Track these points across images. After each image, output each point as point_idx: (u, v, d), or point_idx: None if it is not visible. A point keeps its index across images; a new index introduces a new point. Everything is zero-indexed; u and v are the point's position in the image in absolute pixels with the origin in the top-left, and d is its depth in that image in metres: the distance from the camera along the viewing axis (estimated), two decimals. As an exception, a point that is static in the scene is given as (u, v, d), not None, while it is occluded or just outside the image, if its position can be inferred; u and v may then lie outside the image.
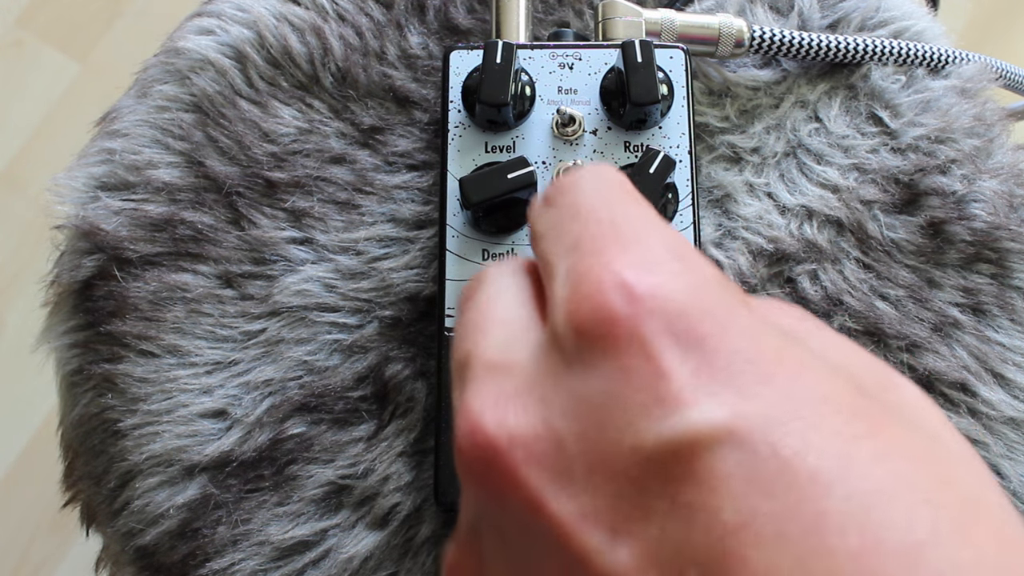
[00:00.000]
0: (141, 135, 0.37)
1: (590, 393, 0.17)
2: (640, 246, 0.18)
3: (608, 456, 0.16)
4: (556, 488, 0.17)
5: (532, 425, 0.17)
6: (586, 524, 0.16)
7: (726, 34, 0.36)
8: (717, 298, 0.18)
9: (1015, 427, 0.35)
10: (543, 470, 0.17)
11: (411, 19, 0.39)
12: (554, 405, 0.17)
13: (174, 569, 0.34)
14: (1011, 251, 0.36)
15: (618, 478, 0.16)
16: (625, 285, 0.17)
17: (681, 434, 0.16)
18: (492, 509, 0.18)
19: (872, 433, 0.16)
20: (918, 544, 0.15)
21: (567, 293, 0.18)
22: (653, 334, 0.17)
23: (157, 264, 0.36)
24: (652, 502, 0.16)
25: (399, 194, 0.37)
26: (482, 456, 0.17)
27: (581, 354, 0.17)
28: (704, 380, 0.16)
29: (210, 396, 0.34)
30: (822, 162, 0.37)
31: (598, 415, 0.17)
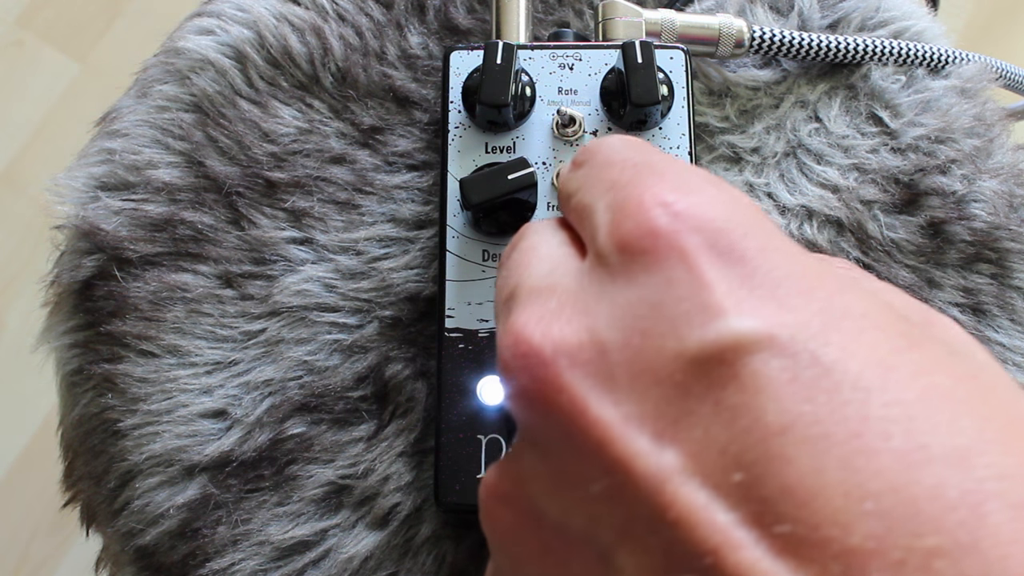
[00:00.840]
0: (141, 135, 0.37)
1: (633, 303, 0.17)
2: (677, 175, 0.19)
3: (652, 362, 0.16)
4: (600, 394, 0.17)
5: (576, 334, 0.17)
6: (630, 428, 0.16)
7: (726, 34, 0.36)
8: (754, 220, 0.18)
9: (1015, 427, 0.35)
10: (587, 377, 0.17)
11: (411, 19, 0.39)
12: (598, 316, 0.18)
13: (174, 569, 0.34)
14: (1011, 251, 0.36)
15: (662, 383, 0.16)
16: (667, 204, 0.18)
17: (724, 339, 0.16)
18: (534, 421, 0.18)
19: (913, 348, 0.16)
20: (963, 449, 0.14)
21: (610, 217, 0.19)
22: (695, 248, 0.17)
23: (157, 264, 0.36)
24: (696, 406, 0.16)
25: (399, 194, 0.37)
26: (526, 365, 0.17)
27: (625, 268, 0.18)
28: (745, 292, 0.17)
29: (210, 396, 0.34)
30: (822, 162, 0.37)
31: (642, 323, 0.17)
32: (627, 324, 0.17)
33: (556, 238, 0.22)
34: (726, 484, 0.15)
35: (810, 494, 0.14)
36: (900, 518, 0.14)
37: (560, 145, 0.34)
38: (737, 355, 0.16)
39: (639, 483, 0.16)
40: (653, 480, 0.16)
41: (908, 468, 0.14)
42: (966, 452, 0.14)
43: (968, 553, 0.13)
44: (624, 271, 0.18)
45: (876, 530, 0.14)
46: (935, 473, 0.14)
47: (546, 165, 0.34)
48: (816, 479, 0.14)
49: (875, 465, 0.14)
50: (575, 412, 0.17)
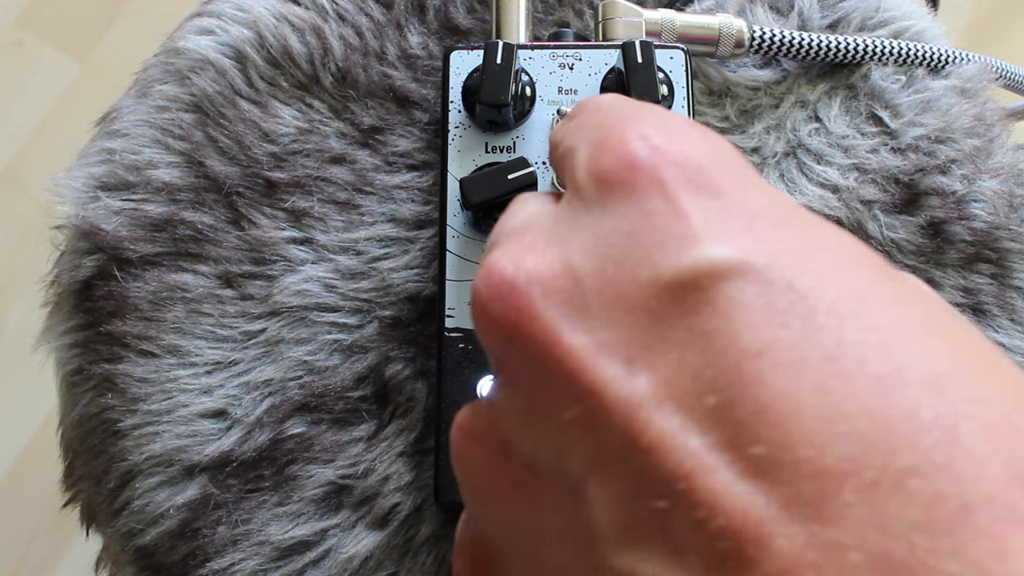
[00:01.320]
0: (141, 135, 0.37)
1: (608, 232, 0.17)
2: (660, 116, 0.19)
3: (625, 289, 0.16)
4: (572, 321, 0.17)
5: (549, 264, 0.17)
6: (602, 355, 0.16)
7: (726, 34, 0.36)
8: (734, 161, 0.18)
9: (1015, 427, 0.35)
10: (560, 305, 0.17)
11: (411, 19, 0.39)
12: (572, 246, 0.18)
13: (174, 569, 0.34)
14: (1011, 251, 0.36)
15: (635, 310, 0.16)
16: (647, 138, 0.18)
17: (699, 265, 0.16)
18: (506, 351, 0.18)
19: (888, 280, 0.16)
20: (937, 374, 0.14)
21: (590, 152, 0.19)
22: (672, 179, 0.17)
23: (157, 264, 0.36)
24: (669, 331, 0.16)
25: (399, 194, 0.37)
26: (497, 295, 0.17)
27: (601, 198, 0.18)
28: (722, 223, 0.17)
29: (210, 396, 0.34)
30: (822, 162, 0.37)
31: (616, 251, 0.17)
32: (601, 252, 0.17)
33: (540, 197, 0.22)
34: (699, 408, 0.15)
35: (784, 416, 0.14)
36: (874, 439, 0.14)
37: (560, 145, 0.34)
38: (712, 281, 0.16)
39: (610, 410, 0.16)
40: (624, 406, 0.15)
41: (883, 391, 0.14)
42: (940, 377, 0.14)
43: (942, 472, 0.13)
44: (600, 202, 0.18)
45: (850, 451, 0.14)
46: (910, 396, 0.14)
47: (546, 165, 0.34)
48: (790, 401, 0.14)
49: (850, 388, 0.14)
50: (547, 340, 0.17)
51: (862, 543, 0.13)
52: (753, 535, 0.14)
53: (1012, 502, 0.13)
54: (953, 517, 0.13)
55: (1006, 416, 0.14)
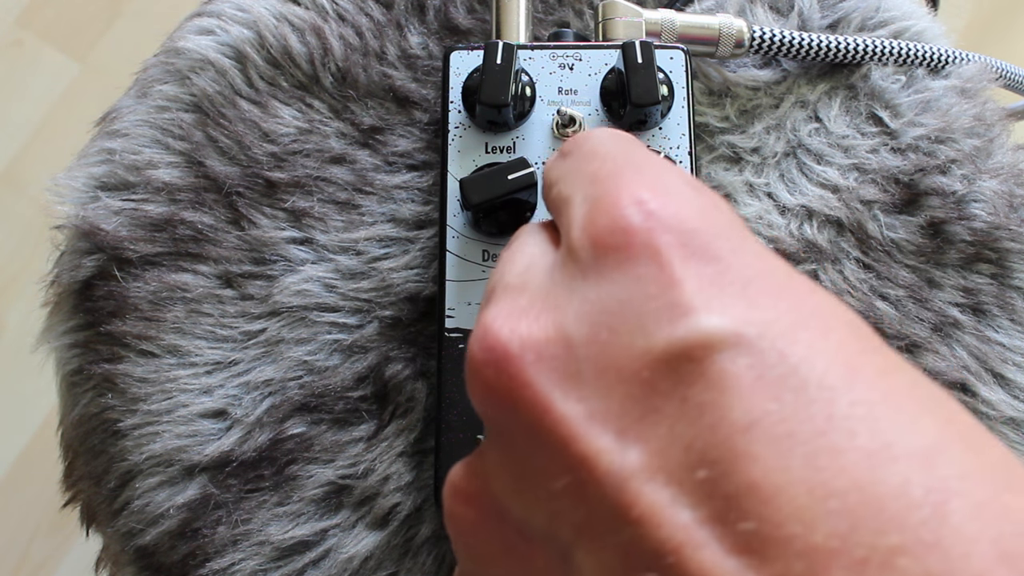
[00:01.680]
0: (141, 135, 0.37)
1: (602, 299, 0.17)
2: (656, 175, 0.19)
3: (618, 359, 0.16)
4: (565, 390, 0.17)
5: (543, 330, 0.17)
6: (594, 425, 0.16)
7: (726, 34, 0.36)
8: (729, 223, 0.18)
9: (1015, 427, 0.35)
10: (552, 372, 0.17)
11: (411, 19, 0.39)
12: (567, 311, 0.18)
13: (174, 569, 0.34)
14: (1011, 251, 0.36)
15: (628, 380, 0.16)
16: (642, 202, 0.18)
17: (692, 337, 0.16)
18: (499, 416, 0.18)
19: (877, 350, 0.16)
20: (926, 448, 0.15)
21: (585, 210, 0.19)
22: (667, 246, 0.17)
23: (157, 264, 0.36)
24: (662, 403, 0.16)
25: (399, 194, 0.37)
26: (492, 359, 0.17)
27: (596, 263, 0.18)
28: (716, 290, 0.17)
29: (210, 396, 0.34)
30: (822, 162, 0.37)
31: (610, 319, 0.17)
32: (595, 320, 0.17)
33: (539, 236, 0.22)
34: (690, 481, 0.15)
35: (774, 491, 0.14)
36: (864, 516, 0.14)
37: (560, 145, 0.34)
38: (705, 353, 0.16)
39: (601, 481, 0.16)
40: (615, 478, 0.15)
41: (873, 466, 0.14)
42: (929, 451, 0.14)
43: (931, 551, 0.13)
44: (595, 267, 0.18)
45: (840, 528, 0.14)
46: (899, 472, 0.14)
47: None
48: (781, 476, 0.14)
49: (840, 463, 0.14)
50: (539, 408, 0.17)
51: None
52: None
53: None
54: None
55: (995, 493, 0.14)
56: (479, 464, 0.19)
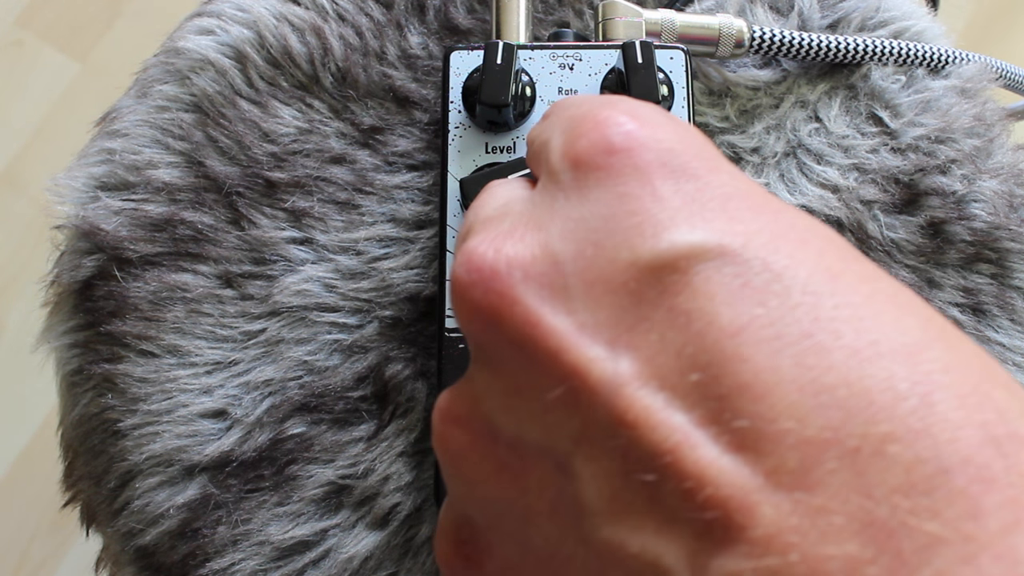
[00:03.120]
0: (141, 135, 0.37)
1: (586, 216, 0.18)
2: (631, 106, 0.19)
3: (605, 272, 0.17)
4: (554, 304, 0.17)
5: (529, 249, 0.18)
6: (585, 336, 0.16)
7: (726, 34, 0.36)
8: (704, 147, 0.19)
9: (1015, 427, 0.35)
10: (541, 288, 0.17)
11: (411, 19, 0.39)
12: (551, 230, 0.18)
13: (174, 569, 0.34)
14: (1011, 251, 0.36)
15: (616, 292, 0.16)
16: (621, 124, 0.18)
17: (677, 248, 0.16)
18: (489, 336, 0.18)
19: (856, 260, 0.17)
20: (910, 345, 0.15)
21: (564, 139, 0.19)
22: (648, 164, 0.18)
23: (157, 264, 0.36)
24: (650, 312, 0.16)
25: (399, 194, 0.37)
26: (479, 279, 0.18)
27: (577, 183, 0.18)
28: (697, 205, 0.17)
29: (210, 396, 0.34)
30: (822, 162, 0.37)
31: (595, 235, 0.17)
32: (580, 236, 0.17)
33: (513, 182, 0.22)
34: (683, 385, 0.15)
35: (766, 389, 0.15)
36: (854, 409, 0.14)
37: (560, 145, 0.34)
38: (690, 263, 0.16)
39: (595, 389, 0.16)
40: (609, 385, 0.16)
41: (860, 363, 0.15)
42: (913, 348, 0.15)
43: (920, 437, 0.14)
44: (577, 187, 0.18)
45: (831, 421, 0.14)
46: (885, 367, 0.15)
47: (546, 165, 0.34)
48: (772, 376, 0.15)
49: (828, 361, 0.15)
50: (530, 323, 0.17)
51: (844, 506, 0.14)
52: (740, 504, 0.14)
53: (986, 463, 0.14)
54: (931, 479, 0.13)
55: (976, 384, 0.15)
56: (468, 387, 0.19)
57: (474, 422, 0.18)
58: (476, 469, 0.18)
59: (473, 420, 0.19)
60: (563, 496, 0.17)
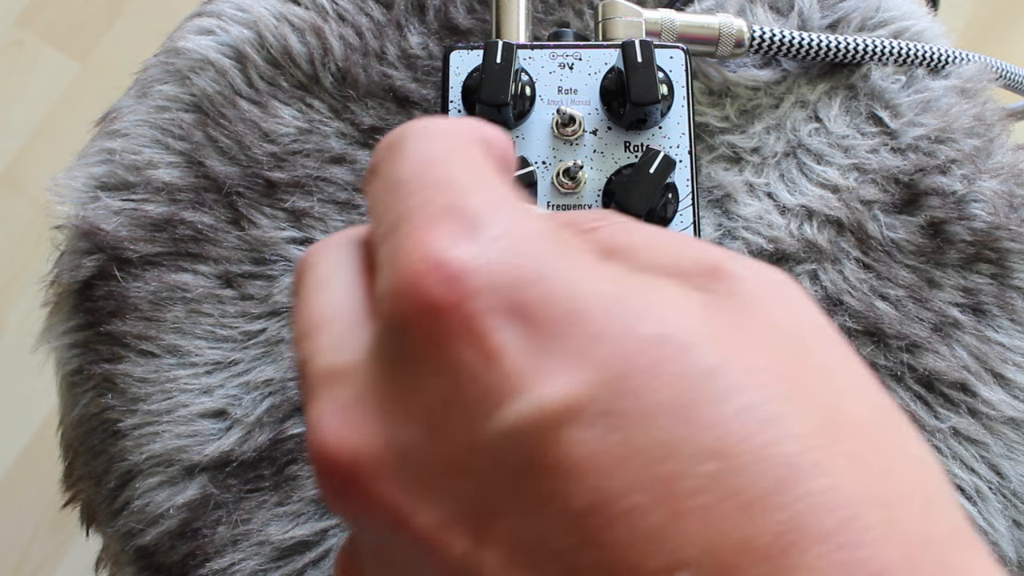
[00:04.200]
0: (141, 135, 0.37)
1: (425, 393, 0.16)
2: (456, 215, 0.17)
3: (455, 458, 0.16)
4: (413, 499, 0.16)
5: (375, 438, 0.16)
6: (449, 532, 0.15)
7: (726, 34, 0.36)
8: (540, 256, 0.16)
9: (1015, 427, 0.35)
10: (396, 483, 0.16)
11: (411, 19, 0.39)
12: (394, 413, 0.16)
13: (174, 569, 0.34)
14: (1011, 251, 0.36)
15: (471, 479, 0.15)
16: (440, 266, 0.16)
17: (523, 420, 0.15)
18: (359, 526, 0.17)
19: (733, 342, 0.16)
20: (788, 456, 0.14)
21: (387, 286, 0.17)
22: (476, 315, 0.16)
23: (157, 264, 0.36)
24: (505, 499, 0.15)
25: (399, 194, 0.37)
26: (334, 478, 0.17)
27: (410, 352, 0.16)
28: (536, 354, 0.15)
29: (210, 396, 0.34)
30: (822, 162, 0.37)
31: (437, 416, 0.16)
32: (423, 418, 0.16)
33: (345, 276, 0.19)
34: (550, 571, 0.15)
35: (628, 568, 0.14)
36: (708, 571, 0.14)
37: (560, 145, 0.34)
38: (539, 436, 0.15)
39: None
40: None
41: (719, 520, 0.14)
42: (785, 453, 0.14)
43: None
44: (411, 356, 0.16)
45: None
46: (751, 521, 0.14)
47: (546, 164, 0.34)
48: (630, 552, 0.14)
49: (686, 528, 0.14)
50: (395, 522, 0.16)
51: None
52: None
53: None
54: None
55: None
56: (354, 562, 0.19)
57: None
58: None
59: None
60: None
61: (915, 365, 0.35)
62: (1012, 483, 0.34)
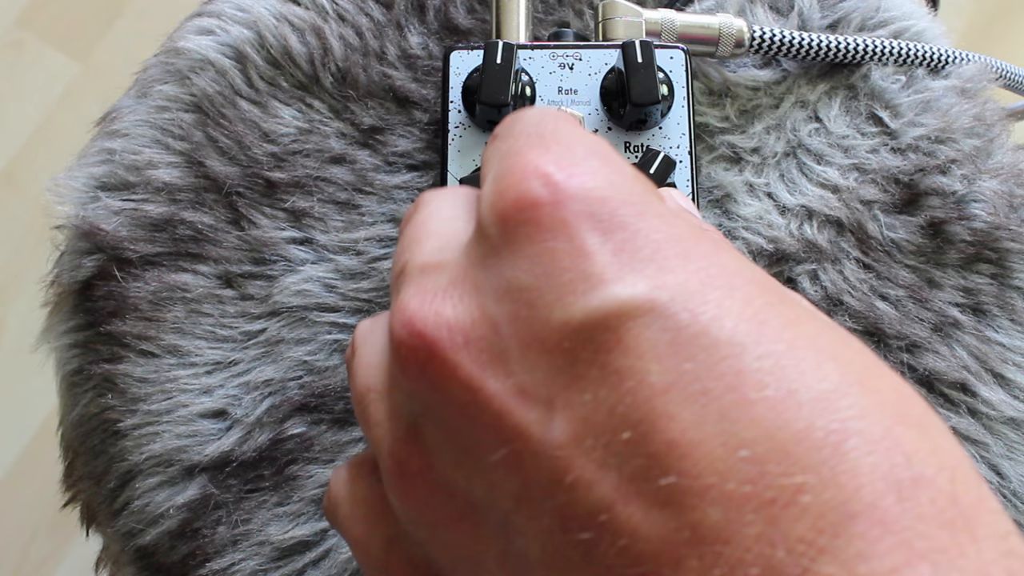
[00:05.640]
0: (141, 135, 0.37)
1: (518, 276, 0.18)
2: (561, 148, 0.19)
3: (540, 333, 0.17)
4: (493, 369, 0.17)
5: (468, 312, 0.18)
6: (523, 400, 0.17)
7: (726, 34, 0.36)
8: (635, 189, 0.19)
9: (1015, 427, 0.35)
10: (480, 353, 0.18)
11: (411, 19, 0.39)
12: (486, 291, 0.18)
13: (174, 569, 0.34)
14: (1011, 251, 0.36)
15: (551, 352, 0.17)
16: (546, 175, 0.18)
17: (607, 306, 0.17)
18: (433, 400, 0.18)
19: (782, 302, 0.18)
20: (828, 392, 0.16)
21: (492, 188, 0.19)
22: (574, 217, 0.18)
23: (157, 264, 0.36)
24: (584, 372, 0.17)
25: (399, 194, 0.37)
26: (421, 347, 0.18)
27: (506, 241, 0.18)
28: (625, 258, 0.17)
29: (210, 396, 0.34)
30: (822, 162, 0.37)
31: (527, 295, 0.17)
32: (514, 296, 0.18)
33: (450, 210, 0.22)
34: (616, 444, 0.16)
35: (692, 446, 0.15)
36: (772, 462, 0.15)
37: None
38: (620, 321, 0.17)
39: (535, 451, 0.17)
40: (547, 448, 0.16)
41: (779, 415, 0.15)
42: (831, 395, 0.16)
43: (829, 486, 0.15)
44: (506, 245, 0.18)
45: (750, 475, 0.15)
46: (803, 416, 0.15)
47: (546, 165, 0.34)
48: (696, 432, 0.16)
49: (750, 415, 0.16)
50: (472, 388, 0.17)
51: (758, 558, 0.15)
52: (669, 558, 0.15)
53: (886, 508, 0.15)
54: (837, 526, 0.15)
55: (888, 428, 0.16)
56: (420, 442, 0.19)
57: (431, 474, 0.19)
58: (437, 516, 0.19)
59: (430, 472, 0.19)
60: (510, 550, 0.18)
61: (915, 365, 0.35)
62: (1012, 483, 0.34)
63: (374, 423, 0.20)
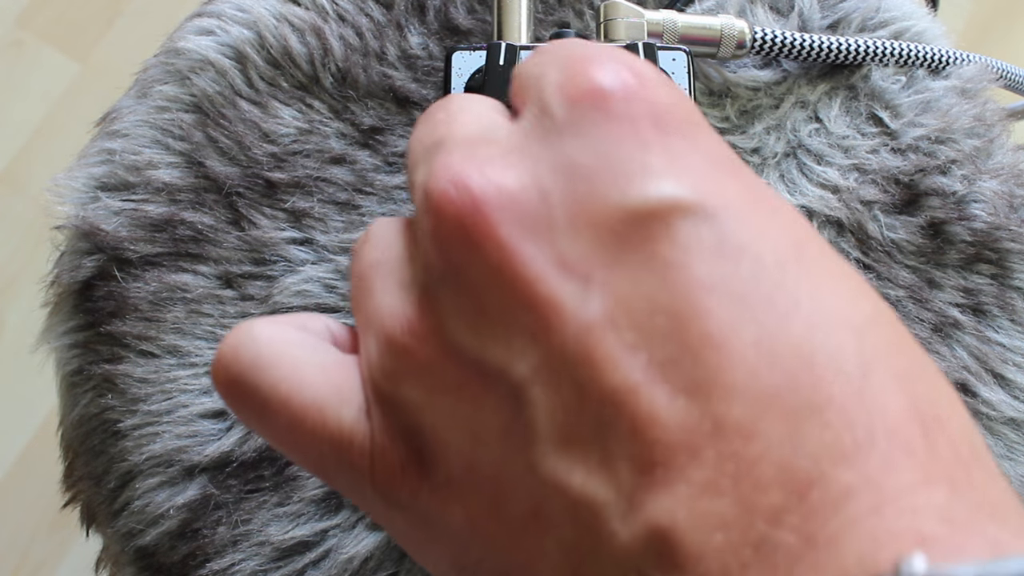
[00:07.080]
0: (141, 135, 0.37)
1: (580, 154, 0.18)
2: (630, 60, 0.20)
3: (592, 208, 0.17)
4: (536, 236, 0.17)
5: (519, 179, 0.18)
6: (561, 271, 0.17)
7: (728, 35, 0.36)
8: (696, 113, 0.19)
9: (1015, 427, 0.35)
10: (527, 218, 0.17)
11: (411, 19, 0.39)
12: (543, 163, 0.18)
13: (174, 569, 0.34)
14: (1011, 251, 0.36)
15: (599, 231, 0.17)
16: (619, 72, 0.19)
17: (664, 199, 0.17)
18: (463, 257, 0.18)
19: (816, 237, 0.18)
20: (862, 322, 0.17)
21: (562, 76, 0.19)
22: (643, 116, 0.18)
23: (157, 264, 0.36)
24: (630, 255, 0.17)
25: (399, 194, 0.37)
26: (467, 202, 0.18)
27: (573, 120, 0.18)
28: (683, 163, 0.18)
29: (210, 396, 0.34)
30: (822, 162, 0.37)
31: (587, 172, 0.18)
32: (573, 172, 0.18)
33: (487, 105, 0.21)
34: (649, 327, 0.16)
35: (726, 341, 0.16)
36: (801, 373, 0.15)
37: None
38: (673, 215, 0.17)
39: (564, 323, 0.16)
40: (578, 321, 0.16)
41: (813, 332, 0.16)
42: (863, 325, 0.16)
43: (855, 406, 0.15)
44: (572, 123, 0.18)
45: (779, 380, 0.15)
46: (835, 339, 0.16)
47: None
48: (733, 332, 0.16)
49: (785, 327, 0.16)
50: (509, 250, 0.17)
51: (776, 460, 0.15)
52: (685, 447, 0.15)
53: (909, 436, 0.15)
54: (858, 442, 0.15)
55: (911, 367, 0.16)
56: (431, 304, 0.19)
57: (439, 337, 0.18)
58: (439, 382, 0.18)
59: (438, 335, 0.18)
60: (516, 421, 0.17)
61: (915, 366, 0.35)
62: (1012, 483, 0.34)
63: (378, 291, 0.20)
